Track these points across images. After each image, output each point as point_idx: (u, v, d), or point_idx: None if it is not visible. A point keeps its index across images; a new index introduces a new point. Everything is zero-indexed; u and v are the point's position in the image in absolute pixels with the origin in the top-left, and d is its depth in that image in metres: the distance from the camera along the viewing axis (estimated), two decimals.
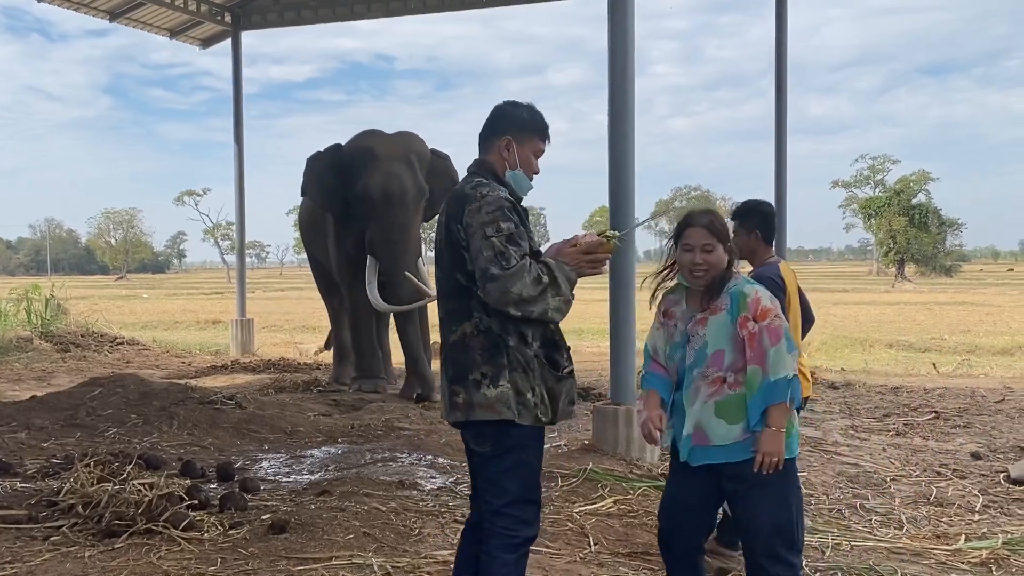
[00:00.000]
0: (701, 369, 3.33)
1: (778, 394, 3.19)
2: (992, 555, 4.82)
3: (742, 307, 3.27)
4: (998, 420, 9.09)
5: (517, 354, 3.09)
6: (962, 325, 23.61)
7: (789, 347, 3.22)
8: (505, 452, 3.14)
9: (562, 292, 3.04)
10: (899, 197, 62.75)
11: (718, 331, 3.30)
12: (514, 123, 3.29)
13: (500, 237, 3.00)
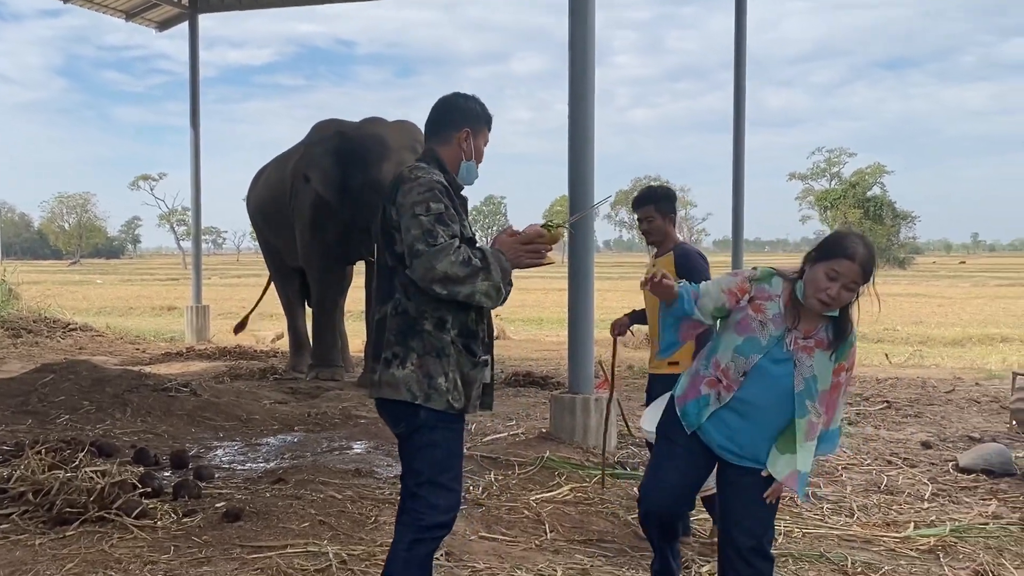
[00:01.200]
0: (812, 403, 3.24)
1: (831, 447, 3.40)
2: (940, 542, 4.91)
3: (845, 356, 3.23)
4: (948, 410, 9.26)
5: (432, 339, 3.09)
6: (914, 316, 23.98)
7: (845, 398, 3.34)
8: (414, 432, 3.15)
9: (492, 278, 3.01)
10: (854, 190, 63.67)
11: (823, 370, 3.22)
12: (470, 115, 3.33)
13: (429, 216, 3.01)
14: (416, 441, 3.15)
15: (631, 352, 14.92)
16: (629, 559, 4.55)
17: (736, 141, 13.84)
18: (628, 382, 10.89)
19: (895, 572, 4.50)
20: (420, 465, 3.15)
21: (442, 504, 3.14)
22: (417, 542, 3.13)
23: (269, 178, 11.27)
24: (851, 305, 3.21)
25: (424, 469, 3.15)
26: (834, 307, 3.16)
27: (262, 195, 11.41)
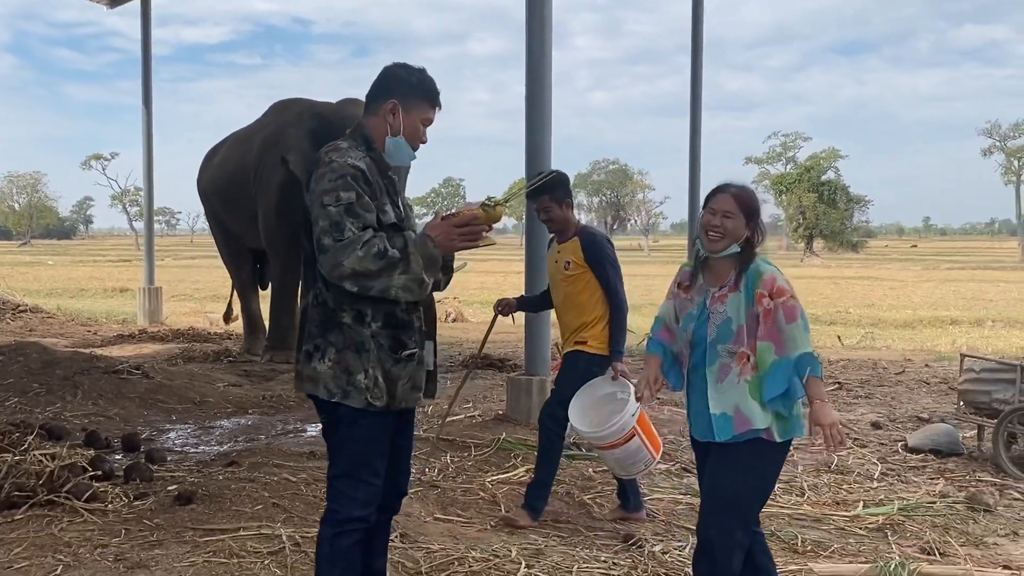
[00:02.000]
0: (727, 345, 3.27)
1: (810, 368, 3.16)
2: (888, 520, 4.99)
3: (757, 284, 3.24)
4: (898, 391, 9.42)
5: (352, 332, 2.94)
6: (866, 299, 24.35)
7: (806, 325, 3.19)
8: (333, 427, 3.06)
9: (411, 270, 2.84)
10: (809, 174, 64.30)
11: (738, 308, 3.27)
12: (401, 86, 3.07)
13: (338, 207, 2.83)
14: (336, 436, 3.06)
15: None
16: (583, 539, 4.57)
17: (693, 125, 13.92)
18: None
19: (844, 550, 4.57)
20: (338, 459, 3.06)
21: (360, 497, 3.03)
22: (338, 535, 3.04)
23: (228, 158, 11.07)
24: (752, 242, 3.33)
25: (341, 463, 3.05)
26: (724, 240, 3.29)
27: (218, 175, 11.18)
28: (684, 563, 4.25)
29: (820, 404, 3.18)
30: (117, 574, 3.89)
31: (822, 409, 3.17)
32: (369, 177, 2.94)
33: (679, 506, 5.17)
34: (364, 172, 2.92)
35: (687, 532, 4.73)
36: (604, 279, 4.74)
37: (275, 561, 4.06)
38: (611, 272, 4.76)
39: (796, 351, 3.15)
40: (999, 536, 4.91)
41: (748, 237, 3.32)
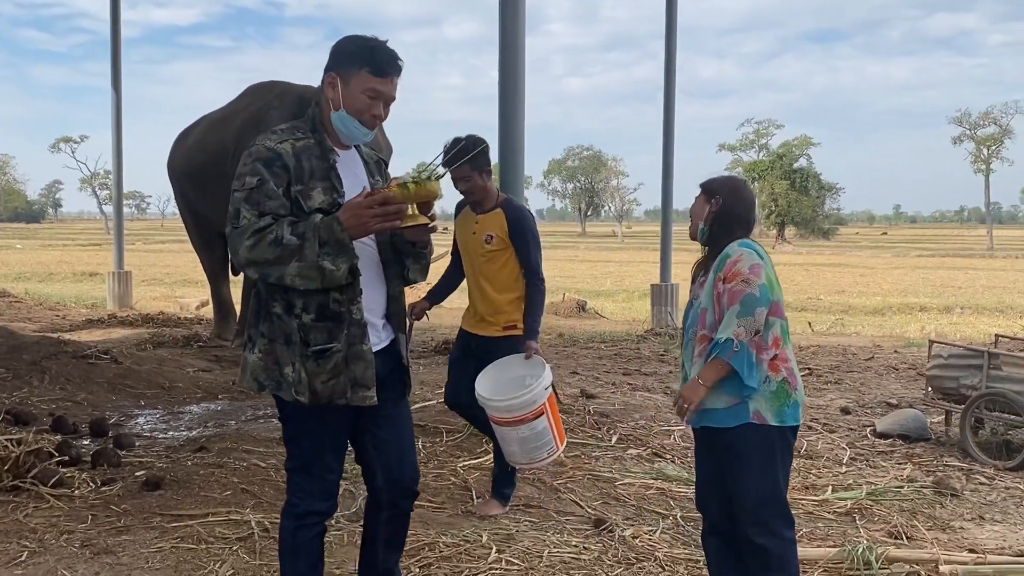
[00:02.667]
0: (693, 328, 3.33)
1: (717, 351, 3.14)
2: (856, 505, 5.03)
3: (720, 267, 3.25)
4: (867, 377, 9.49)
5: (281, 323, 2.81)
6: (837, 286, 24.55)
7: (741, 312, 3.13)
8: (282, 420, 2.99)
9: (306, 258, 2.65)
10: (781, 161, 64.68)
11: (708, 291, 3.30)
12: (339, 57, 2.85)
13: (241, 193, 2.72)
14: (285, 428, 2.98)
15: (561, 320, 15.02)
16: (554, 523, 4.57)
17: (667, 111, 13.92)
18: (557, 350, 10.96)
19: (813, 534, 4.60)
20: (291, 451, 2.99)
21: (315, 491, 2.93)
22: (299, 528, 2.96)
23: (204, 141, 10.90)
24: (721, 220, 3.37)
25: (295, 456, 2.97)
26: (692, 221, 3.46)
27: (194, 158, 11.01)
28: (655, 547, 4.26)
29: (693, 381, 3.22)
30: (83, 560, 3.85)
31: (691, 384, 3.22)
32: (287, 161, 2.75)
33: (650, 491, 5.18)
34: (280, 155, 2.75)
35: (657, 516, 4.75)
36: (526, 256, 4.55)
37: (244, 547, 4.04)
38: (534, 249, 4.58)
39: (723, 333, 3.15)
40: (965, 520, 4.96)
41: (716, 212, 3.35)
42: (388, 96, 2.85)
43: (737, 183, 3.50)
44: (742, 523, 3.28)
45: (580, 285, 23.89)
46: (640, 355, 10.72)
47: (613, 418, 6.92)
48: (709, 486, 3.43)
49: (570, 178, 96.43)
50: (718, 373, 3.17)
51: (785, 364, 3.25)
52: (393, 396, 3.01)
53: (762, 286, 3.17)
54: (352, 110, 2.83)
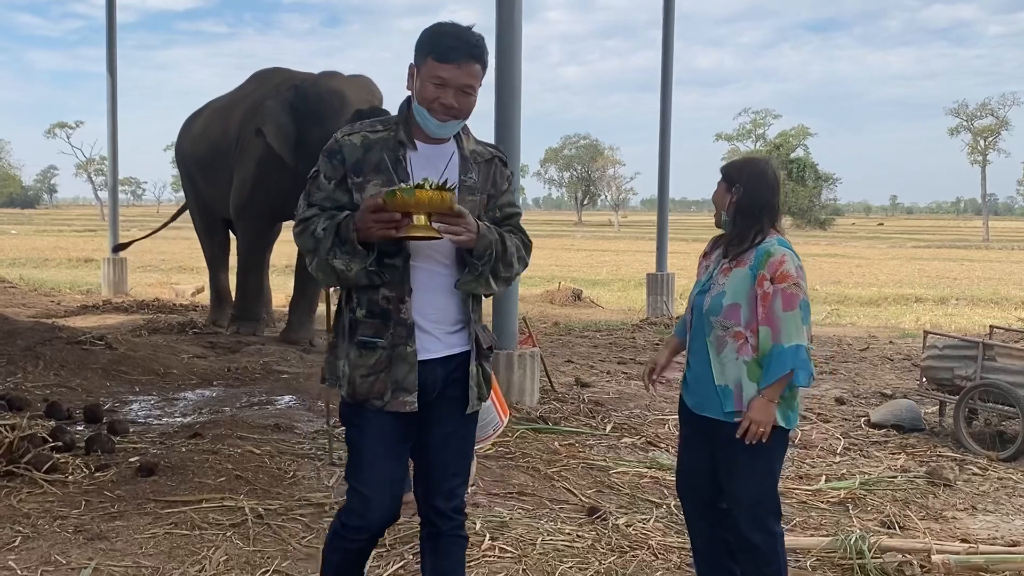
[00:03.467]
0: (718, 318, 3.23)
1: (789, 362, 3.07)
2: (850, 495, 5.04)
3: (763, 265, 3.16)
4: (862, 367, 9.52)
5: (341, 316, 2.79)
6: (833, 276, 24.56)
7: (804, 317, 3.09)
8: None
9: (319, 255, 2.63)
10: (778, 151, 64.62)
11: (738, 284, 3.20)
12: (416, 47, 2.74)
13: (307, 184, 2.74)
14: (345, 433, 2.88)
15: (557, 309, 15.02)
16: (548, 512, 4.58)
17: (664, 100, 13.89)
18: (553, 339, 10.96)
19: (806, 523, 4.61)
20: (347, 456, 2.89)
21: (352, 506, 2.79)
22: (335, 536, 2.85)
23: (209, 127, 10.91)
24: (744, 211, 3.27)
25: (347, 463, 2.87)
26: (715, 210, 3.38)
27: (198, 144, 11.06)
28: (648, 535, 4.27)
29: (762, 401, 3.12)
30: (77, 545, 3.85)
31: (762, 406, 3.12)
32: (347, 153, 2.70)
33: (643, 480, 5.19)
34: (342, 148, 2.71)
35: (651, 505, 4.75)
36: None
37: (237, 533, 4.04)
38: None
39: (790, 341, 3.08)
40: (958, 510, 4.98)
41: (736, 202, 3.26)
42: (457, 83, 2.67)
43: (759, 166, 3.36)
44: (736, 518, 3.27)
45: (576, 274, 23.88)
46: (635, 344, 10.73)
47: (607, 407, 6.94)
48: (699, 475, 3.40)
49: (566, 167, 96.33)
50: (785, 383, 3.12)
51: None
52: (451, 412, 2.79)
53: (806, 290, 3.17)
54: (422, 100, 2.69)
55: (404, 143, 2.73)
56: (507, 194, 2.89)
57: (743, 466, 3.23)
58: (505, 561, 3.90)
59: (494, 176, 2.85)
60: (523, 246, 2.85)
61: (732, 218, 3.29)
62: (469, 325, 2.79)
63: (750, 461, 3.21)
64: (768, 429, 3.12)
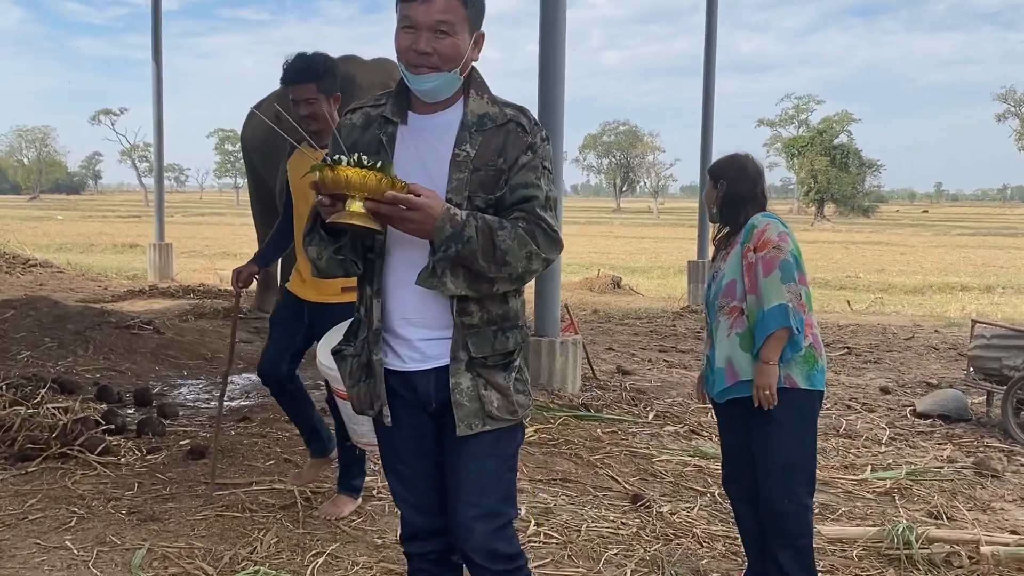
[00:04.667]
0: (719, 300, 3.37)
1: (773, 322, 3.15)
2: (896, 485, 5.01)
3: (749, 237, 3.30)
4: (907, 356, 9.42)
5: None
6: (877, 264, 24.28)
7: (783, 277, 3.17)
8: None
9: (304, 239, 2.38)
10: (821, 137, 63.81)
11: (734, 263, 3.33)
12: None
13: None
14: None
15: (596, 296, 15.01)
16: (592, 499, 4.60)
17: (706, 86, 13.79)
18: (593, 325, 10.96)
19: (852, 513, 4.59)
20: None
21: (405, 518, 2.55)
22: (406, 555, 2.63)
23: (265, 114, 11.10)
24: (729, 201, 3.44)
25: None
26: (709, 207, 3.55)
27: (256, 132, 11.24)
28: (692, 523, 4.27)
29: (760, 366, 3.20)
30: (131, 526, 3.93)
31: (761, 370, 3.20)
32: (344, 133, 2.43)
33: (687, 468, 5.19)
34: (343, 128, 2.45)
35: (694, 493, 4.76)
36: None
37: (287, 515, 4.11)
38: None
39: (770, 303, 3.17)
40: (1006, 502, 4.93)
41: (722, 196, 3.43)
42: (427, 22, 2.25)
43: (739, 161, 3.51)
44: (766, 488, 3.33)
45: (615, 261, 23.82)
46: (676, 332, 10.70)
47: (650, 394, 6.93)
48: (737, 460, 3.47)
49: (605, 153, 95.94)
50: (781, 342, 3.19)
51: (811, 330, 3.29)
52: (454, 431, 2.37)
53: (792, 252, 3.24)
54: (399, 54, 2.32)
55: (388, 119, 2.38)
56: (523, 171, 2.32)
57: (769, 434, 3.29)
58: (551, 547, 3.93)
59: (505, 145, 2.33)
60: (534, 237, 2.27)
61: (720, 211, 3.47)
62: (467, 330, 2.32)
63: (775, 428, 3.27)
64: (772, 390, 3.19)
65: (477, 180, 2.29)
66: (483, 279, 2.27)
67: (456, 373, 2.33)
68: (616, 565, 3.80)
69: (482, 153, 2.31)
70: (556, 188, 2.51)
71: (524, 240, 2.26)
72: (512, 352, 2.40)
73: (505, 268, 2.26)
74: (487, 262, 2.23)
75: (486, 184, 2.30)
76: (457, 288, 2.26)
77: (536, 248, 2.27)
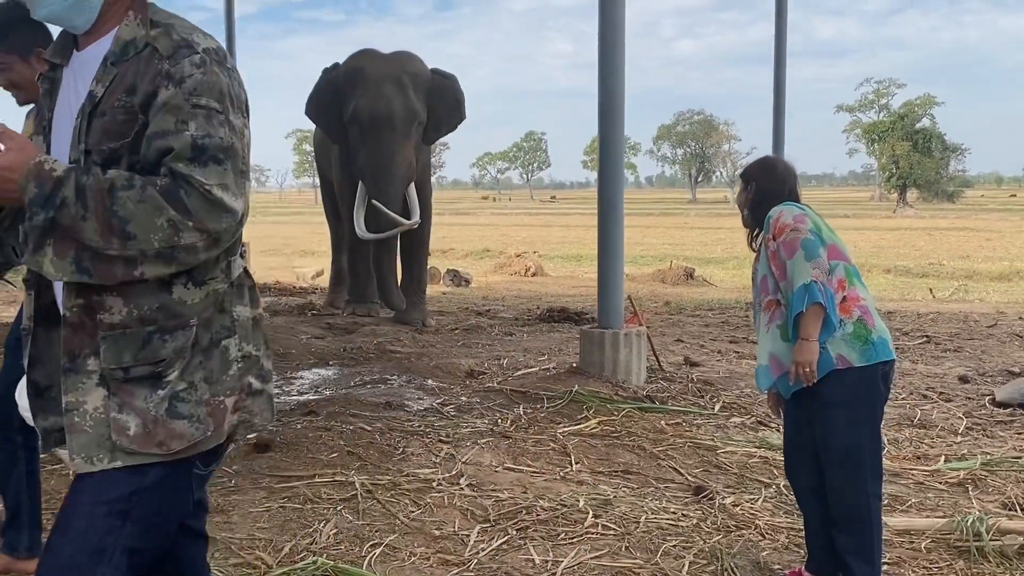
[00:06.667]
0: (758, 298, 3.41)
1: (799, 302, 3.14)
2: (969, 475, 4.86)
3: (767, 230, 3.33)
4: (989, 344, 9.13)
5: None
6: (961, 251, 23.60)
7: (807, 255, 3.15)
8: None
9: None
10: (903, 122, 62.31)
11: (763, 258, 3.37)
12: None
13: None
14: None
15: (668, 288, 14.88)
16: (653, 491, 4.56)
17: (777, 73, 13.51)
18: (663, 318, 10.87)
19: (923, 504, 4.47)
20: None
21: None
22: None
23: None
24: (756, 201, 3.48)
25: None
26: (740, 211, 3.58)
27: (318, 133, 11.52)
28: (755, 515, 4.21)
29: (799, 342, 3.18)
30: None
31: (799, 346, 3.18)
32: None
33: (752, 459, 5.11)
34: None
35: (759, 485, 4.68)
36: None
37: (348, 507, 4.16)
38: None
39: (797, 283, 3.15)
40: None
41: (751, 198, 3.49)
42: None
43: (768, 162, 3.61)
44: (830, 476, 3.28)
45: (689, 252, 23.60)
46: (748, 323, 10.54)
47: (717, 386, 6.84)
48: (798, 451, 3.43)
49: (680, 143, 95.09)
50: (817, 318, 3.15)
51: (858, 303, 3.24)
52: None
53: (812, 230, 3.22)
54: None
55: (49, 59, 1.96)
56: (162, 114, 1.77)
57: (827, 418, 3.25)
58: (608, 538, 3.91)
59: (137, 77, 1.80)
60: (175, 201, 1.72)
61: (751, 213, 3.50)
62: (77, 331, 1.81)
63: (833, 412, 3.24)
64: (812, 367, 3.16)
65: (100, 127, 1.79)
66: (110, 259, 1.72)
67: (74, 388, 1.81)
68: (674, 557, 3.76)
69: (113, 91, 1.80)
70: (230, 131, 1.80)
71: (158, 205, 1.71)
72: (164, 362, 1.81)
73: (132, 243, 1.71)
74: (100, 235, 1.70)
75: (112, 131, 1.78)
76: (61, 271, 1.74)
77: (178, 215, 1.71)
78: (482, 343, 8.90)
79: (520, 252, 19.05)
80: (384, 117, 9.33)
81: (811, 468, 3.39)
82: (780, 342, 3.27)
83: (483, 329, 9.76)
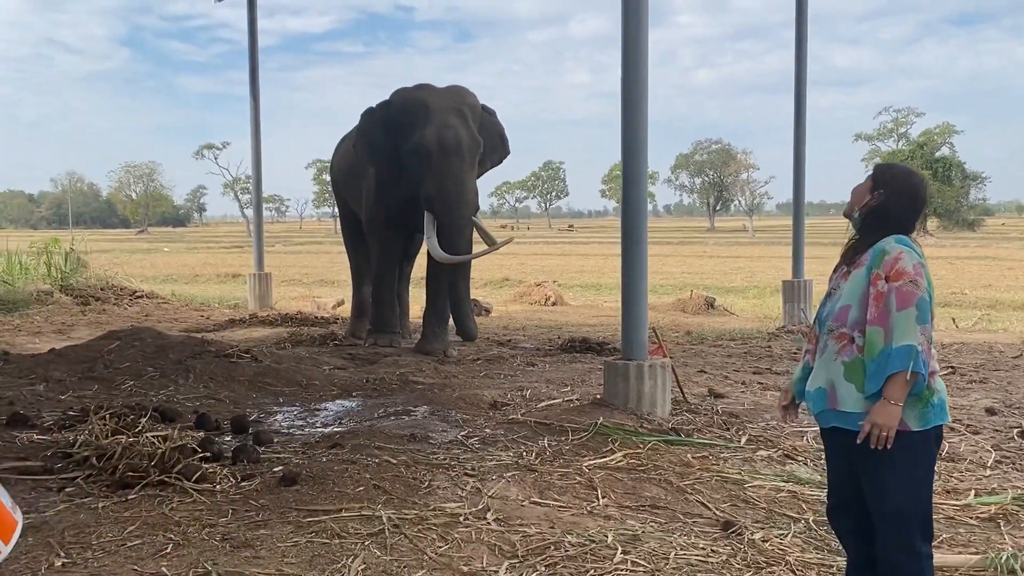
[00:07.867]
0: (830, 323, 3.22)
1: (898, 362, 2.96)
2: (1001, 510, 4.79)
3: (878, 263, 3.09)
4: (1015, 375, 9.04)
5: None
6: (983, 280, 23.45)
7: (920, 318, 2.96)
8: None
9: None
10: (922, 150, 62.09)
11: (854, 286, 3.16)
12: None
13: None
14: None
15: (689, 318, 14.83)
16: (681, 526, 4.53)
17: (797, 102, 13.57)
18: (684, 348, 10.83)
19: (954, 540, 4.41)
20: None
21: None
22: None
23: (351, 146, 11.45)
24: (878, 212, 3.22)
25: None
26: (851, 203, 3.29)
27: (341, 163, 11.64)
28: (785, 551, 4.17)
29: (883, 403, 3.01)
30: (224, 553, 4.01)
31: (882, 408, 3.01)
32: None
33: (780, 494, 5.07)
34: None
35: (788, 520, 4.64)
36: None
37: (375, 542, 4.14)
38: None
39: (902, 341, 2.96)
40: None
41: (872, 206, 3.20)
42: None
43: (911, 182, 3.27)
44: (879, 531, 3.16)
45: (708, 281, 23.53)
46: (771, 353, 10.50)
47: (743, 418, 6.80)
48: (840, 489, 3.32)
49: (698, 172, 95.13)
50: (908, 385, 2.99)
51: (937, 372, 3.12)
52: None
53: (928, 288, 3.03)
54: None
55: None
56: None
57: (878, 472, 3.10)
58: (638, 575, 3.87)
59: None
60: None
61: (862, 219, 3.24)
62: None
63: (886, 470, 3.09)
64: (891, 433, 3.00)
65: None
66: None
67: None
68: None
69: None
70: None
71: None
72: None
73: None
74: None
75: None
76: None
77: None
78: (504, 373, 8.89)
79: (540, 281, 19.07)
80: (453, 145, 9.49)
81: (856, 508, 3.27)
82: (843, 380, 3.12)
83: (505, 359, 9.75)
